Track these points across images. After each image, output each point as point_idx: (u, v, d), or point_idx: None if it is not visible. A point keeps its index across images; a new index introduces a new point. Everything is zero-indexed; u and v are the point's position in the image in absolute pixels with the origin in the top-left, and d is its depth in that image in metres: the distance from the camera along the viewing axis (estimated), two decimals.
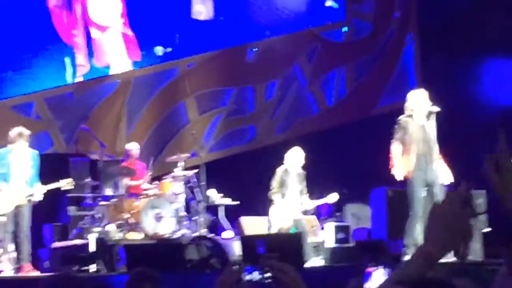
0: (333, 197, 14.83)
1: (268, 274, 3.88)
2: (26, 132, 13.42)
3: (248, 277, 4.01)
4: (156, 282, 6.35)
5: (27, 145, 13.39)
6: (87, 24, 17.37)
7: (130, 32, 17.73)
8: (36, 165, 13.43)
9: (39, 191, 13.28)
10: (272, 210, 14.52)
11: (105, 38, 17.64)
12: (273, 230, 14.32)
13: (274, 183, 14.50)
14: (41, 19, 17.01)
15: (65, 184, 13.65)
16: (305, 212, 14.71)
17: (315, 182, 14.86)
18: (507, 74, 18.94)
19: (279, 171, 14.55)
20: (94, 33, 17.52)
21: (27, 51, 16.83)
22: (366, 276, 7.84)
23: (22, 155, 13.32)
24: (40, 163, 13.93)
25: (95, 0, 17.52)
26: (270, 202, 14.60)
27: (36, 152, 13.64)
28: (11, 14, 16.69)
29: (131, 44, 17.82)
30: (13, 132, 13.32)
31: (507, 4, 18.07)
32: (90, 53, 17.41)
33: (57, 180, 13.62)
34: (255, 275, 3.99)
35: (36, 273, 12.97)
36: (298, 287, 3.87)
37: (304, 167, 14.62)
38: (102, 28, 17.63)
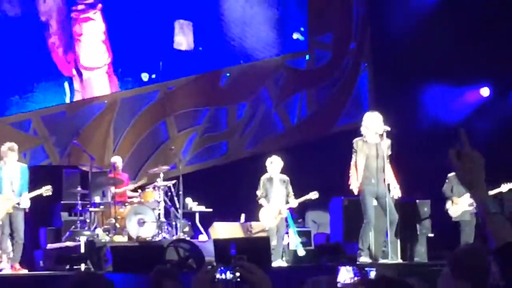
0: (314, 194, 14.66)
1: (238, 274, 3.90)
2: (15, 147, 13.29)
3: (220, 276, 4.03)
4: (175, 279, 6.29)
5: (16, 159, 13.29)
6: (78, 66, 17.40)
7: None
8: (24, 177, 13.29)
9: (25, 199, 13.16)
10: (261, 212, 14.43)
11: (93, 76, 17.65)
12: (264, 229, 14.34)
13: (260, 190, 14.36)
14: (44, 51, 17.00)
15: (44, 190, 13.52)
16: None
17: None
18: (444, 97, 19.07)
19: (263, 179, 14.40)
20: (85, 74, 17.54)
21: (31, 78, 16.81)
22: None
23: (12, 168, 13.21)
24: (35, 173, 13.90)
25: (86, 50, 17.49)
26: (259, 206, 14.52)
27: (25, 165, 13.58)
28: (17, 46, 16.65)
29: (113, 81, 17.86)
30: (4, 147, 13.21)
31: (445, 41, 18.18)
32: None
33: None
34: (227, 275, 4.01)
35: (25, 271, 12.92)
36: (265, 285, 3.88)
37: (286, 173, 14.54)
38: (91, 69, 17.64)
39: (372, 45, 20.42)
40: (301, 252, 14.53)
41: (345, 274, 6.89)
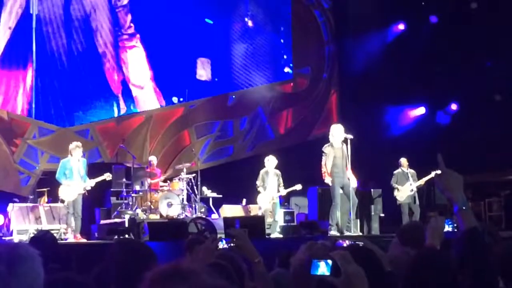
0: (298, 186, 14.80)
1: (233, 243, 4.00)
2: (80, 144, 13.29)
3: (221, 245, 4.11)
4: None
5: (80, 155, 13.21)
6: (128, 85, 17.45)
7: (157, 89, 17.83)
8: (84, 168, 13.21)
9: (90, 183, 13.15)
10: (259, 198, 14.52)
11: (141, 94, 17.67)
12: (260, 211, 14.39)
13: (258, 180, 14.46)
14: (101, 76, 17.08)
15: (106, 176, 13.50)
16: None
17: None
18: (391, 113, 19.10)
19: (262, 172, 14.49)
20: (134, 91, 17.56)
21: (91, 97, 16.82)
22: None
23: (78, 162, 13.13)
24: (92, 168, 13.88)
25: (133, 70, 17.52)
26: (257, 193, 14.59)
27: (85, 159, 13.44)
28: (81, 73, 16.66)
29: (158, 96, 17.89)
30: (72, 144, 13.17)
31: (392, 72, 18.25)
32: (128, 101, 17.43)
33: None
34: (226, 243, 4.09)
35: (83, 240, 12.91)
36: (247, 245, 3.95)
37: (279, 168, 14.62)
38: (140, 87, 17.68)
39: (339, 75, 20.46)
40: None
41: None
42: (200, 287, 2.00)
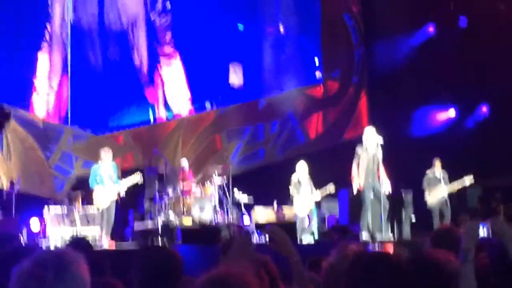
0: (331, 187, 14.11)
1: (267, 236, 3.93)
2: (110, 149, 13.30)
3: (255, 239, 4.08)
4: None
5: (110, 160, 13.20)
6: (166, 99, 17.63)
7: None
8: (115, 172, 13.18)
9: (122, 187, 13.06)
10: (295, 206, 14.05)
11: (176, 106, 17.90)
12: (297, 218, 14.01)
13: (291, 186, 13.98)
14: (138, 85, 17.26)
15: (137, 177, 13.29)
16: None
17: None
18: (422, 115, 18.96)
19: (294, 179, 14.00)
20: (169, 101, 17.77)
21: (125, 104, 17.07)
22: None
23: (108, 166, 13.13)
24: (124, 172, 13.91)
25: (170, 86, 17.65)
26: (290, 200, 14.25)
27: (114, 163, 13.37)
28: (119, 82, 16.91)
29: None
30: (103, 150, 13.22)
31: (421, 75, 18.11)
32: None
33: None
34: (260, 238, 4.06)
35: (112, 242, 12.88)
36: (286, 244, 3.89)
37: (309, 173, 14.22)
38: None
39: (369, 78, 20.34)
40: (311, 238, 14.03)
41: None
42: None
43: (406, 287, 2.82)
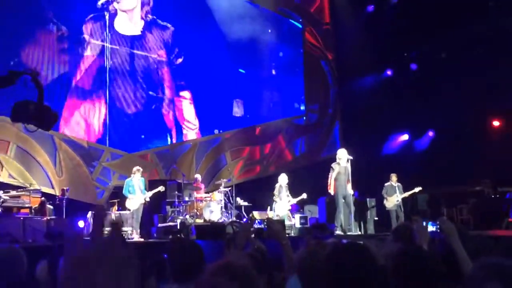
0: (304, 196, 14.66)
1: (265, 224, 3.94)
2: (140, 169, 13.61)
3: (255, 225, 4.06)
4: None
5: (140, 175, 13.56)
6: (181, 126, 17.57)
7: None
8: (143, 184, 13.57)
9: (148, 195, 13.46)
10: (276, 207, 14.48)
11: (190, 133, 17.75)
12: (277, 217, 14.17)
13: (275, 192, 14.53)
14: (159, 115, 17.17)
15: (161, 188, 13.81)
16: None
17: (291, 192, 14.82)
18: (383, 139, 18.97)
19: (277, 186, 14.55)
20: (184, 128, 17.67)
21: (150, 129, 16.89)
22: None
23: (138, 180, 13.49)
24: (151, 184, 14.03)
25: (183, 116, 17.62)
26: (273, 202, 14.61)
27: (143, 178, 13.76)
28: (144, 111, 16.81)
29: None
30: (135, 168, 13.60)
31: (382, 106, 18.12)
32: (178, 133, 17.50)
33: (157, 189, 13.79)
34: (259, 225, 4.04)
35: (141, 239, 12.92)
36: (279, 231, 3.89)
37: (293, 185, 14.67)
38: (190, 128, 17.75)
39: (341, 110, 20.40)
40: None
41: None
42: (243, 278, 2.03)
43: (374, 269, 2.81)
